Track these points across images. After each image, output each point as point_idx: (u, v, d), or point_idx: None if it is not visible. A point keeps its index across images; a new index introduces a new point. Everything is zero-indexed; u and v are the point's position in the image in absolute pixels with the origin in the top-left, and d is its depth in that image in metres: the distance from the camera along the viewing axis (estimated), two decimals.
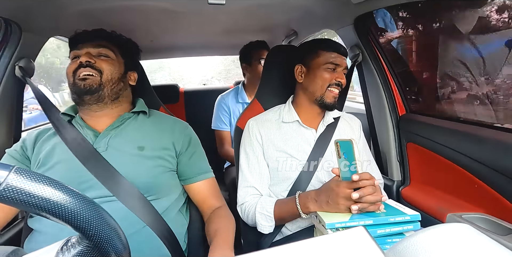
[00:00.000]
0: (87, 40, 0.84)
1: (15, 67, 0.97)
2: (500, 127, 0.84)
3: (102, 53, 0.84)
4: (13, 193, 0.31)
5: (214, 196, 0.91)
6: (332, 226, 0.67)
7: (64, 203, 0.33)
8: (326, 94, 0.94)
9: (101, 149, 0.79)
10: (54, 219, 0.33)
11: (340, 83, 0.94)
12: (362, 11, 1.11)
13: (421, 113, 1.17)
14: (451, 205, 0.94)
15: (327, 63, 0.94)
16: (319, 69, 0.95)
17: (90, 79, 0.79)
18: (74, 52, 0.84)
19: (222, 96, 1.79)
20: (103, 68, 0.81)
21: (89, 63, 0.79)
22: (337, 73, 0.94)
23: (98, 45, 0.83)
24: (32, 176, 0.33)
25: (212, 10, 1.22)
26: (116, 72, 0.84)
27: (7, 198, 0.31)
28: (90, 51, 0.82)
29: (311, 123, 1.00)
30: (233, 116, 1.73)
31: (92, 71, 0.79)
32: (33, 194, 0.32)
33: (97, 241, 0.35)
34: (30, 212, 0.34)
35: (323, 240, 0.30)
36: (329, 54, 0.94)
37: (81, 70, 0.79)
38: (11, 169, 0.32)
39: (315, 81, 0.95)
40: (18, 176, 0.32)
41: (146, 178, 0.79)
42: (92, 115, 0.84)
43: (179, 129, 0.91)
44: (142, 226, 0.76)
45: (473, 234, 0.31)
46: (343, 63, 0.95)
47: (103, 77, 0.81)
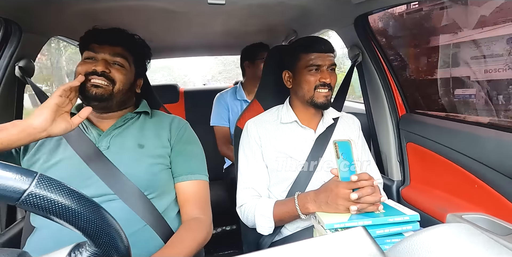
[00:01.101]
0: (104, 42, 0.82)
1: (15, 67, 0.97)
2: (500, 127, 0.84)
3: (118, 62, 0.82)
4: (36, 199, 0.32)
5: (197, 202, 0.84)
6: (331, 227, 0.67)
7: (81, 211, 0.34)
8: (316, 95, 0.93)
9: (103, 147, 0.80)
10: (68, 226, 0.34)
11: (326, 84, 0.92)
12: (362, 11, 1.11)
13: (421, 113, 1.17)
14: (451, 205, 0.94)
15: (308, 66, 0.92)
16: (303, 73, 0.93)
17: (102, 88, 0.78)
18: (89, 53, 0.81)
19: (220, 94, 1.83)
20: (116, 79, 0.81)
21: (104, 73, 0.79)
22: (320, 74, 0.92)
23: (115, 53, 0.82)
24: (53, 183, 0.33)
25: (212, 10, 1.22)
26: (127, 83, 0.84)
27: (29, 204, 0.32)
28: (106, 59, 0.81)
29: (309, 123, 1.00)
30: (232, 113, 1.76)
31: (105, 80, 0.79)
32: (55, 201, 0.33)
33: (105, 248, 0.36)
34: (46, 218, 0.35)
35: (323, 240, 0.30)
36: (308, 56, 0.92)
37: (94, 77, 0.78)
38: (35, 176, 0.33)
39: (301, 86, 0.94)
40: (41, 182, 0.33)
41: (146, 175, 0.79)
42: (97, 117, 0.86)
43: (175, 124, 0.91)
44: (142, 225, 0.76)
45: (473, 234, 0.31)
46: (325, 61, 0.92)
47: (115, 88, 0.81)
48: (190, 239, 0.75)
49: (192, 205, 0.84)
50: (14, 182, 0.31)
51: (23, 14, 0.93)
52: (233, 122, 1.74)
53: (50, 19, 1.04)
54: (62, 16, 1.07)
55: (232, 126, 1.73)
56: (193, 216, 0.82)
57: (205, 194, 0.88)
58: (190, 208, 0.84)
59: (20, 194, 0.31)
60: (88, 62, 0.81)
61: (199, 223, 0.81)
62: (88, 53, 0.82)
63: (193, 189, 0.86)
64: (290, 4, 1.21)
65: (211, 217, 0.86)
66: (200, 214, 0.83)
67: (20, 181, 0.32)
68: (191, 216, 0.82)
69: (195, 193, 0.85)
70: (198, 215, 0.83)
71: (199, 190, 0.86)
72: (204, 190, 0.88)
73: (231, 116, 1.76)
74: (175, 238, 0.75)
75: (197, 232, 0.78)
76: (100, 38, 0.83)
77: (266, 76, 1.16)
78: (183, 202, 0.85)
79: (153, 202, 0.79)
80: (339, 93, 1.29)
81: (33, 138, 0.66)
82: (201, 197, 0.86)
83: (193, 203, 0.84)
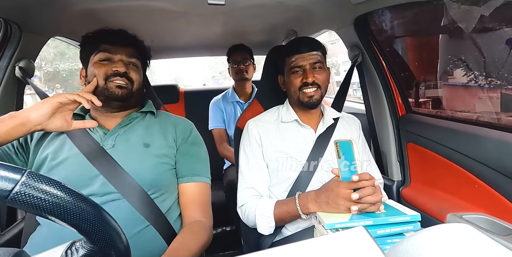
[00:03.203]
0: (117, 43, 0.83)
1: (15, 67, 0.97)
2: (500, 127, 0.84)
3: (133, 62, 0.85)
4: (25, 196, 0.31)
5: (199, 205, 0.85)
6: (332, 227, 0.67)
7: (73, 208, 0.33)
8: (301, 96, 0.95)
9: (109, 146, 0.81)
10: (61, 223, 0.34)
11: (309, 83, 0.92)
12: (362, 11, 1.12)
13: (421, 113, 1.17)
14: (451, 205, 0.94)
15: (291, 68, 0.95)
16: (288, 76, 0.97)
17: (125, 88, 0.81)
18: (104, 54, 0.82)
19: (214, 99, 1.90)
20: (134, 79, 0.84)
21: (126, 73, 0.81)
22: (303, 74, 0.93)
23: (130, 55, 0.84)
24: (43, 180, 0.33)
25: (212, 10, 1.22)
26: (141, 82, 0.87)
27: (18, 202, 0.31)
28: (123, 60, 0.83)
29: (309, 122, 1.00)
30: (226, 115, 1.82)
31: (126, 81, 0.81)
32: (44, 198, 0.32)
33: (101, 246, 0.35)
34: (38, 216, 0.34)
35: (324, 240, 0.30)
36: (290, 59, 0.95)
37: (116, 78, 0.80)
38: (23, 173, 0.32)
39: (289, 88, 0.98)
40: (30, 179, 0.32)
41: (150, 175, 0.80)
42: (104, 116, 0.86)
43: (182, 125, 0.92)
44: (145, 225, 0.76)
45: (473, 234, 0.31)
46: (307, 61, 0.93)
47: (134, 87, 0.84)
48: (193, 242, 0.75)
49: (194, 207, 0.85)
50: (1, 179, 0.31)
51: (23, 14, 0.93)
52: (229, 124, 1.80)
53: (50, 19, 1.05)
54: (62, 16, 1.07)
55: (228, 128, 1.77)
56: (194, 219, 0.82)
57: (207, 197, 0.88)
58: (192, 210, 0.84)
59: (8, 191, 0.31)
60: (105, 63, 0.81)
61: (201, 226, 0.81)
62: (104, 54, 0.82)
63: (196, 191, 0.86)
64: (290, 4, 1.21)
65: (212, 220, 0.86)
66: (201, 217, 0.83)
67: (8, 178, 0.31)
68: (193, 219, 0.83)
69: (197, 195, 0.86)
70: (199, 218, 0.83)
71: (202, 193, 0.87)
72: (206, 193, 0.88)
73: (226, 119, 1.82)
74: (178, 241, 0.75)
75: (199, 235, 0.78)
76: (111, 39, 0.84)
77: (266, 76, 1.16)
78: (185, 203, 0.86)
79: (157, 202, 0.79)
80: (339, 93, 1.29)
81: (28, 129, 0.66)
82: (203, 199, 0.87)
83: (195, 205, 0.85)
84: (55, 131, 0.70)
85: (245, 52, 1.79)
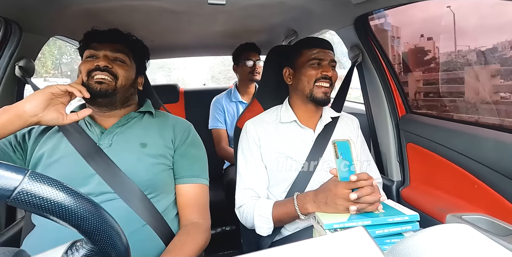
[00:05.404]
0: (104, 41, 0.83)
1: (15, 67, 0.97)
2: (499, 127, 0.84)
3: (119, 58, 0.84)
4: (28, 196, 0.31)
5: (197, 206, 0.85)
6: (330, 227, 0.67)
7: (74, 208, 0.34)
8: (315, 90, 0.94)
9: (105, 145, 0.80)
10: (63, 223, 0.34)
11: (327, 76, 0.93)
12: (362, 11, 1.11)
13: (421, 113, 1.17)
14: (450, 206, 0.94)
15: (310, 60, 0.94)
16: (304, 67, 0.95)
17: (106, 83, 0.79)
18: (90, 51, 0.83)
19: (216, 97, 1.86)
20: (119, 74, 0.82)
21: (107, 68, 0.80)
22: (322, 68, 0.93)
23: (115, 50, 0.83)
24: (45, 180, 0.33)
25: (212, 10, 1.22)
26: (129, 78, 0.85)
27: (20, 201, 0.31)
28: (107, 55, 0.82)
29: (308, 123, 1.00)
30: (228, 115, 1.79)
31: (108, 76, 0.80)
32: (46, 198, 0.32)
33: (102, 246, 0.35)
34: (40, 215, 0.34)
35: (323, 240, 0.30)
36: (311, 51, 0.95)
37: (97, 73, 0.79)
38: (26, 173, 0.32)
39: (302, 79, 0.95)
40: (33, 180, 0.32)
41: (147, 175, 0.79)
42: (100, 115, 0.86)
43: (180, 126, 0.92)
44: (142, 224, 0.76)
45: (473, 234, 0.31)
46: (327, 56, 0.94)
47: (118, 83, 0.82)
48: (190, 244, 0.75)
49: (192, 208, 0.84)
50: (4, 179, 0.31)
51: (23, 14, 0.93)
52: (229, 124, 1.78)
53: (50, 19, 1.04)
54: (62, 16, 1.07)
55: (229, 128, 1.76)
56: (192, 221, 0.82)
57: (205, 198, 0.88)
58: (190, 212, 0.84)
59: (10, 191, 0.31)
60: (89, 60, 0.82)
61: (198, 227, 0.81)
62: (89, 51, 0.83)
63: (193, 192, 0.86)
64: (290, 4, 1.21)
65: (209, 222, 0.86)
66: (199, 219, 0.83)
67: (11, 178, 0.31)
68: (190, 220, 0.83)
69: (195, 196, 0.86)
70: (197, 219, 0.83)
71: (200, 194, 0.87)
72: (204, 194, 0.88)
73: (227, 119, 1.79)
74: (176, 243, 0.75)
75: (197, 237, 0.78)
76: (100, 37, 0.84)
77: (266, 76, 1.16)
78: (183, 204, 0.85)
79: (153, 202, 0.79)
80: (339, 93, 1.29)
81: (24, 121, 0.66)
82: (201, 201, 0.87)
83: (193, 206, 0.85)
84: (51, 123, 0.70)
85: (257, 52, 1.76)
